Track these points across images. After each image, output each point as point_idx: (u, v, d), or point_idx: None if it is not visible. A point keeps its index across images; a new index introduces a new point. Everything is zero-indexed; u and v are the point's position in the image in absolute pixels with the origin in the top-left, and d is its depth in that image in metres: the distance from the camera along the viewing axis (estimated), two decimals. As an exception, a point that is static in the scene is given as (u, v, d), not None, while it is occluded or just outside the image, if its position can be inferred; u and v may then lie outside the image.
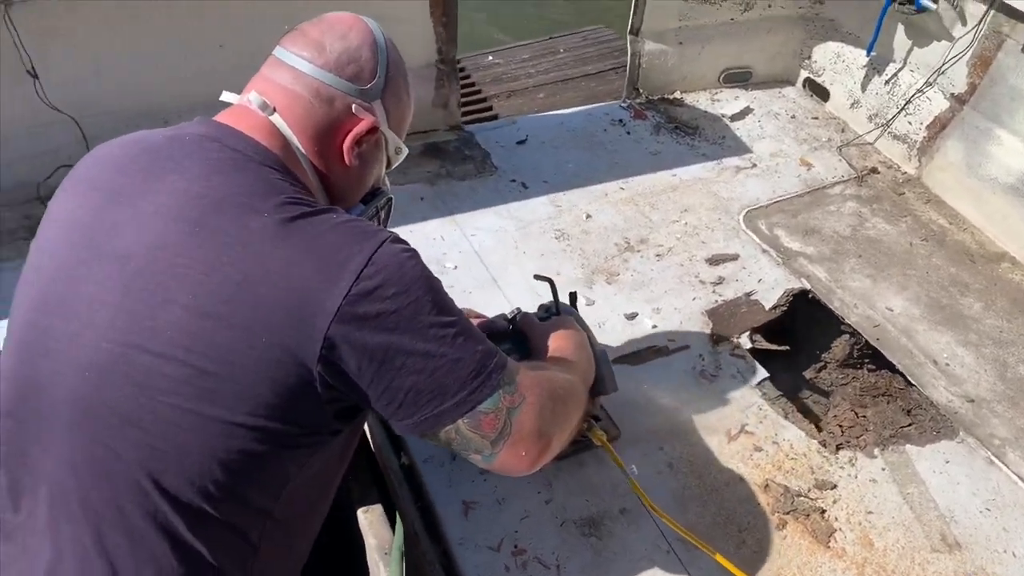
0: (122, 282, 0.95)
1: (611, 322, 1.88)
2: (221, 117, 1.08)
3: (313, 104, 1.07)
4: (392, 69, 1.14)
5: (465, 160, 2.36)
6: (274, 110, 1.07)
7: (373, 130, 1.12)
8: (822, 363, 2.08)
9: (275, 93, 1.08)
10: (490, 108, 3.18)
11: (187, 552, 0.96)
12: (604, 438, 1.47)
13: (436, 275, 1.03)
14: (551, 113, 2.65)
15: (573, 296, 1.63)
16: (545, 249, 2.07)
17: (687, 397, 1.71)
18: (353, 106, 1.09)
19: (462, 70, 3.41)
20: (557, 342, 1.34)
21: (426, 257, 1.03)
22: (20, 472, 0.99)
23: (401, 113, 1.18)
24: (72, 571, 0.95)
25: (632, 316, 1.90)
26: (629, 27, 2.58)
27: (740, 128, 2.59)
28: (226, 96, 1.12)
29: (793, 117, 2.69)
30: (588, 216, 2.19)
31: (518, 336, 1.42)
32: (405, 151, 1.23)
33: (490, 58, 3.52)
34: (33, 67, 1.84)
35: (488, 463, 1.06)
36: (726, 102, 2.72)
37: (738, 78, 2.78)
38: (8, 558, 1.00)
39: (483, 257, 2.01)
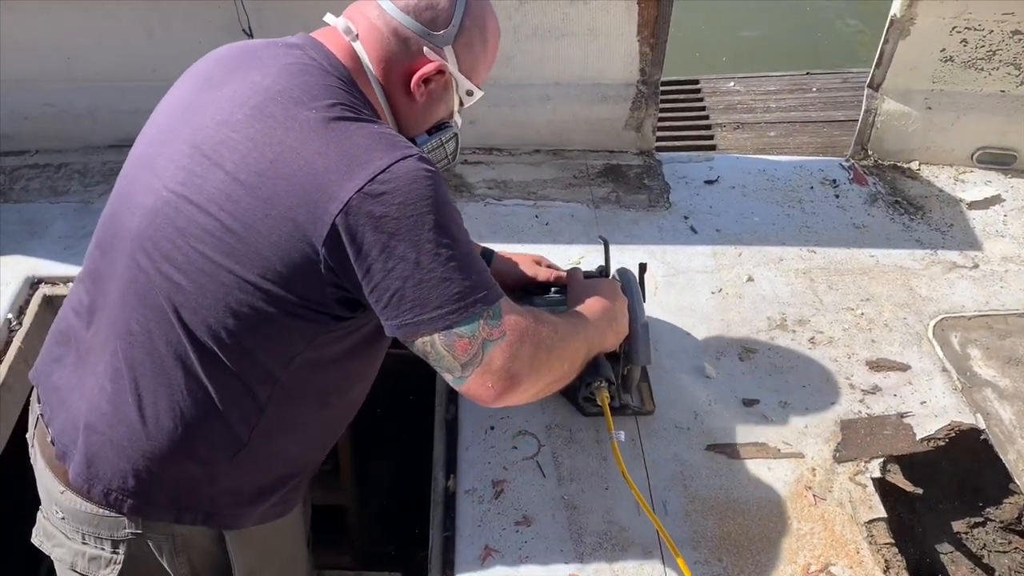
0: (191, 146, 1.13)
1: (724, 402, 1.69)
2: (315, 33, 1.24)
3: (390, 40, 1.20)
4: (468, 20, 1.23)
5: (641, 190, 2.24)
6: (356, 37, 1.21)
7: (441, 72, 1.23)
8: (982, 518, 1.73)
9: (361, 23, 1.21)
10: (711, 138, 2.98)
11: (198, 386, 1.13)
12: (607, 400, 1.49)
13: None
14: (755, 157, 2.42)
15: (643, 267, 1.65)
16: (684, 303, 1.90)
17: (776, 512, 1.50)
18: (425, 48, 1.21)
19: (697, 91, 3.24)
20: (588, 300, 1.41)
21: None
22: (96, 294, 1.21)
23: (473, 60, 1.27)
24: (108, 382, 1.16)
25: (751, 403, 1.70)
26: (869, 79, 2.28)
27: (977, 219, 2.20)
28: (327, 17, 1.27)
29: (1054, 219, 2.24)
30: (749, 279, 1.98)
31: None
32: (479, 94, 1.32)
33: (732, 84, 3.30)
34: (249, 27, 2.01)
35: (457, 385, 1.15)
36: (972, 185, 2.32)
37: (997, 160, 2.36)
38: (75, 367, 1.22)
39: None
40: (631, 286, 1.54)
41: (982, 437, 1.67)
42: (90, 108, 2.30)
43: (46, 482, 1.24)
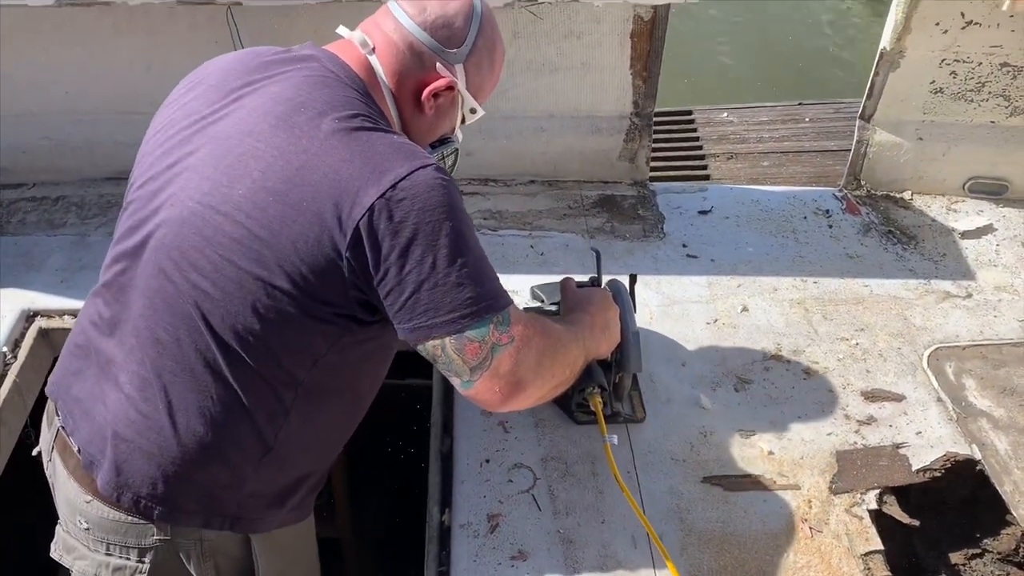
0: (215, 157, 1.16)
1: (720, 434, 1.69)
2: (329, 46, 1.28)
3: (405, 54, 1.25)
4: (480, 41, 1.28)
5: (635, 220, 2.25)
6: (372, 50, 1.25)
7: (450, 88, 1.28)
8: (980, 550, 1.73)
9: (377, 37, 1.26)
10: (705, 168, 3.01)
11: (228, 391, 1.16)
12: (599, 405, 1.52)
13: None
14: (749, 187, 2.44)
15: (632, 278, 1.70)
16: (679, 334, 1.91)
17: (772, 545, 1.49)
18: (437, 64, 1.26)
19: (690, 122, 3.27)
20: (581, 309, 1.45)
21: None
22: (118, 307, 1.22)
23: (480, 80, 1.33)
24: (135, 391, 1.18)
25: (748, 434, 1.69)
26: (860, 111, 2.31)
27: (969, 248, 2.22)
28: (340, 30, 1.32)
29: (1046, 249, 2.25)
30: (744, 309, 1.99)
31: None
32: (481, 112, 1.37)
33: (725, 115, 3.33)
34: (246, 61, 2.02)
35: (464, 389, 1.19)
36: (964, 215, 2.34)
37: (988, 190, 2.38)
38: (97, 379, 1.23)
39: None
40: (622, 296, 1.59)
41: (978, 468, 1.66)
42: (88, 141, 2.31)
43: (69, 493, 1.25)
